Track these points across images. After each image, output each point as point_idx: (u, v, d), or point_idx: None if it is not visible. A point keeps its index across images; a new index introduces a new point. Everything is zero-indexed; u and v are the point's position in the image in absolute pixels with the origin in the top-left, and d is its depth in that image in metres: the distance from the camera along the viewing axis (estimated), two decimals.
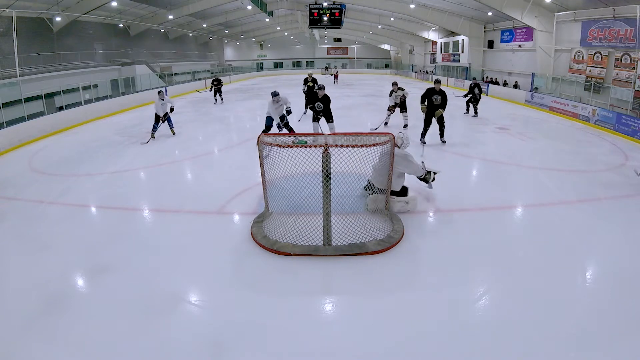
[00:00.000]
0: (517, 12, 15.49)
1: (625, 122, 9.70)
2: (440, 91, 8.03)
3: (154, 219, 4.98)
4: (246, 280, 3.51)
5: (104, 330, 2.85)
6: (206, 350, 2.66)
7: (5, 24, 14.15)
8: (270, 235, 4.11)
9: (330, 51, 44.75)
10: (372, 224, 4.20)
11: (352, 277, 3.52)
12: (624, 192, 5.66)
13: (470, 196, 5.52)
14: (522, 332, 2.81)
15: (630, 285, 3.41)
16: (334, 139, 4.04)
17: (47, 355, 2.63)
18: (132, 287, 3.39)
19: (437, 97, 8.02)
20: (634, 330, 2.83)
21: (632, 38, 11.71)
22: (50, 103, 11.89)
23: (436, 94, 8.03)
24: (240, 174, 6.38)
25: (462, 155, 7.57)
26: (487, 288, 3.42)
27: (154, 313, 3.05)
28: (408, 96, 10.15)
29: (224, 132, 10.65)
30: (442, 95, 8.01)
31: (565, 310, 3.06)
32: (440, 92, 8.02)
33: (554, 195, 5.53)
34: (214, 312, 3.08)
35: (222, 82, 16.24)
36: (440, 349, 2.68)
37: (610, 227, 4.54)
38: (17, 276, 3.62)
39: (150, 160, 7.52)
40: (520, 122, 11.67)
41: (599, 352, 2.64)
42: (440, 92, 8.02)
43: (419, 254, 3.94)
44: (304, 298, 3.27)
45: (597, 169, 6.85)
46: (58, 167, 7.22)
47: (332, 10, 17.81)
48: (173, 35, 29.32)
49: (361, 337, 2.81)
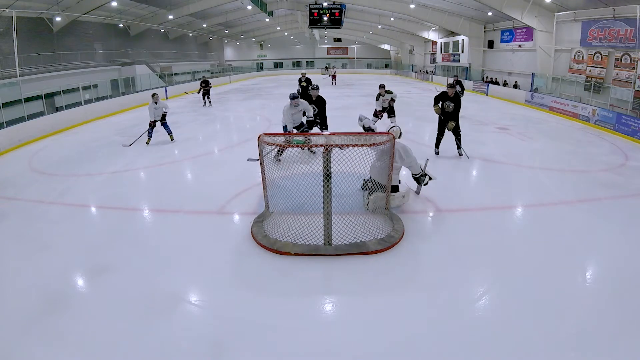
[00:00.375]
0: (517, 12, 15.50)
1: (625, 122, 9.70)
2: (454, 96, 6.92)
3: (154, 219, 4.98)
4: (246, 280, 3.50)
5: (104, 330, 2.85)
6: (206, 350, 2.66)
7: (5, 24, 14.15)
8: (271, 235, 4.11)
9: (330, 51, 44.75)
10: (372, 223, 4.20)
11: (352, 276, 3.52)
12: (624, 192, 5.67)
13: (470, 196, 5.52)
14: (522, 331, 2.81)
15: (630, 285, 3.40)
16: (334, 139, 4.04)
17: (47, 355, 2.63)
18: (132, 287, 3.39)
19: (450, 104, 6.91)
20: (634, 330, 2.83)
21: (632, 38, 11.71)
22: (50, 103, 11.89)
23: (449, 99, 6.92)
24: (240, 173, 6.37)
25: (462, 155, 7.56)
26: (487, 288, 3.42)
27: (154, 313, 3.05)
28: (396, 100, 9.35)
29: (224, 132, 10.66)
30: (455, 102, 6.91)
31: (565, 310, 3.06)
32: (455, 97, 6.92)
33: (554, 195, 5.54)
34: (214, 312, 3.08)
35: (211, 84, 15.85)
36: (440, 348, 2.68)
37: (610, 227, 4.55)
38: (17, 276, 3.62)
39: (150, 160, 7.53)
40: (520, 122, 11.67)
41: (599, 352, 2.64)
42: (454, 98, 6.91)
43: (419, 254, 3.94)
44: (304, 298, 3.27)
45: (597, 169, 6.85)
46: (58, 167, 7.22)
47: (332, 10, 17.80)
48: (173, 35, 29.33)
49: (361, 336, 2.81)
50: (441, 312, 3.06)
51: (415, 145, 7.77)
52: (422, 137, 9.41)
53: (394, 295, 3.28)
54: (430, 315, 3.01)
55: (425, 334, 2.82)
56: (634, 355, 2.60)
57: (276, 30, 37.13)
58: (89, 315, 3.03)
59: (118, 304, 3.15)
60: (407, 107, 13.78)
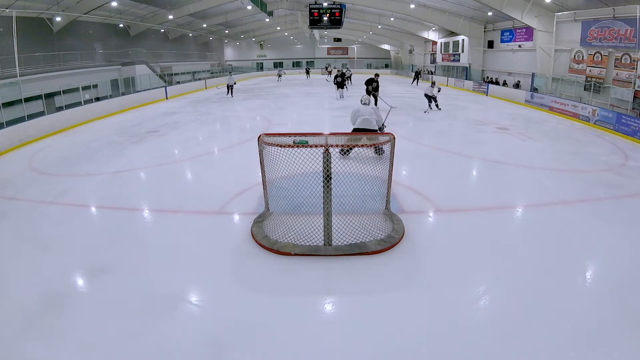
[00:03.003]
0: (517, 12, 15.49)
1: (625, 122, 9.70)
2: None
3: (154, 219, 4.98)
4: (246, 281, 3.50)
5: (104, 330, 2.85)
6: (206, 350, 2.66)
7: (5, 24, 14.14)
8: (271, 235, 4.11)
9: (330, 51, 44.74)
10: (372, 223, 4.19)
11: (352, 277, 3.52)
12: (624, 192, 5.66)
13: (470, 196, 5.52)
14: (522, 332, 2.81)
15: (631, 285, 3.40)
16: (334, 139, 4.04)
17: (47, 355, 2.63)
18: (132, 287, 3.39)
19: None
20: (634, 330, 2.83)
21: (632, 38, 11.71)
22: (50, 103, 11.88)
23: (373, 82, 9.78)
24: (241, 174, 6.37)
25: (462, 155, 7.57)
26: (487, 288, 3.42)
27: (154, 313, 3.05)
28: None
29: (224, 132, 10.66)
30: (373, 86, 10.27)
31: (566, 311, 3.06)
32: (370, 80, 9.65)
33: (554, 195, 5.53)
34: (214, 312, 3.08)
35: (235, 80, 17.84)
36: (440, 348, 2.68)
37: (610, 227, 4.54)
38: (17, 276, 3.62)
39: (151, 160, 7.52)
40: (520, 122, 11.67)
41: (599, 352, 2.64)
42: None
43: (419, 254, 3.94)
44: (304, 298, 3.27)
45: (597, 169, 6.85)
46: (58, 167, 7.21)
47: (332, 10, 17.80)
48: (173, 35, 29.30)
49: (361, 337, 2.81)
50: (441, 312, 3.05)
51: (415, 144, 7.75)
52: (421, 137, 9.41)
53: (394, 296, 3.28)
54: (430, 315, 3.01)
55: (425, 334, 2.82)
56: (634, 356, 2.60)
57: (276, 30, 37.11)
58: (89, 315, 3.03)
59: (118, 304, 3.14)
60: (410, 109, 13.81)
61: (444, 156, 7.51)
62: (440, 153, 7.68)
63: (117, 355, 2.63)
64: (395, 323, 2.93)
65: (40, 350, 2.67)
